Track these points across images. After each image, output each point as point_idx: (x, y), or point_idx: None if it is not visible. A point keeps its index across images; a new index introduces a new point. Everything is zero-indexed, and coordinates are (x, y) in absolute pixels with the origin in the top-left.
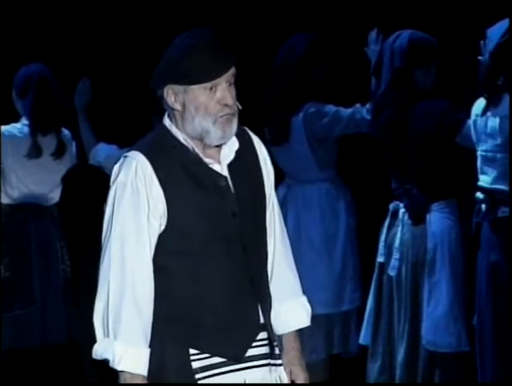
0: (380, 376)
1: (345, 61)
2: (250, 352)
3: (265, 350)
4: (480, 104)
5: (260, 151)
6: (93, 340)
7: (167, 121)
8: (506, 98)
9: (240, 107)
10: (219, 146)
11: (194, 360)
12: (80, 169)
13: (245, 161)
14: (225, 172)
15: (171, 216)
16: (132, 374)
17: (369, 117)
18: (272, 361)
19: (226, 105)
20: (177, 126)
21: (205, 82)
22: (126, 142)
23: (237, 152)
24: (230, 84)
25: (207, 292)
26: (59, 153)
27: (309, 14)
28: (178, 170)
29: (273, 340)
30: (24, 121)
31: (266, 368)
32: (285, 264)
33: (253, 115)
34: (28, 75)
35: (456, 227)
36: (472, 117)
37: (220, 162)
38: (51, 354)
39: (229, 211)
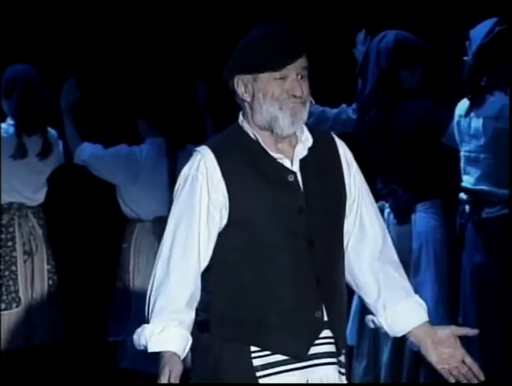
0: (365, 376)
1: (332, 62)
2: (314, 350)
3: (330, 348)
4: (463, 104)
5: (343, 154)
6: (78, 341)
7: (239, 118)
8: (490, 99)
9: (313, 102)
10: (292, 142)
11: (255, 358)
12: (65, 169)
13: (321, 160)
14: (295, 168)
15: (234, 209)
16: (163, 353)
17: (354, 117)
18: (338, 359)
19: (294, 96)
20: (248, 120)
21: (273, 70)
22: (111, 142)
23: (314, 151)
24: (302, 77)
25: (270, 288)
26: (44, 153)
27: (296, 16)
28: (244, 163)
29: (339, 340)
30: (10, 121)
31: (331, 367)
32: (389, 265)
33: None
34: (14, 75)
35: (441, 227)
36: (456, 117)
37: (293, 158)
38: (36, 355)
39: (296, 207)
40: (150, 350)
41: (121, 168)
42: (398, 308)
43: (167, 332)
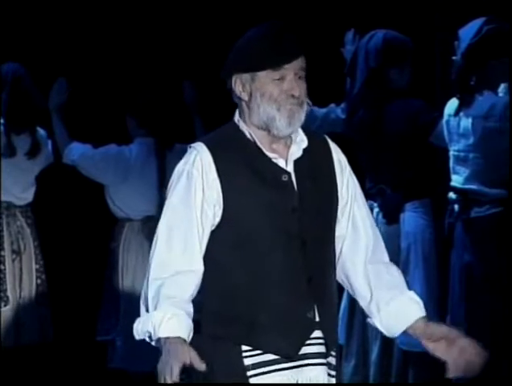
0: (354, 375)
1: (321, 61)
2: (305, 350)
3: (320, 349)
4: (452, 104)
5: (336, 157)
6: (66, 340)
7: (236, 116)
8: (479, 99)
9: (310, 103)
10: (287, 143)
11: (246, 357)
12: (54, 168)
13: (315, 162)
14: (289, 168)
15: (227, 207)
16: (171, 339)
17: (343, 117)
18: (328, 361)
19: (293, 96)
20: (244, 120)
21: (272, 68)
22: (100, 142)
23: (308, 152)
24: (300, 78)
25: (261, 287)
26: (33, 152)
27: (285, 15)
28: (239, 162)
29: (330, 341)
30: None
31: (320, 368)
32: (381, 265)
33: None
34: (3, 74)
35: (430, 226)
36: (445, 117)
37: (287, 159)
38: (24, 354)
39: (289, 206)
40: (159, 335)
41: (111, 168)
42: (391, 308)
43: (177, 319)
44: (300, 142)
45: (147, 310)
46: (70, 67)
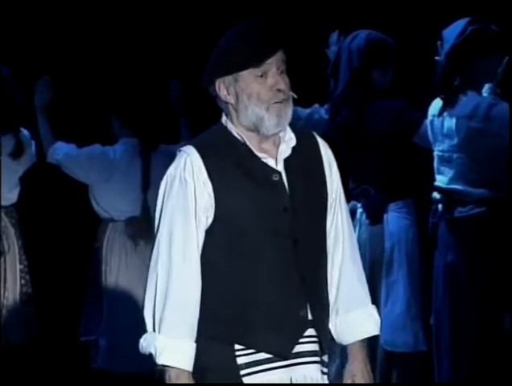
0: (338, 376)
1: (305, 62)
2: (298, 349)
3: (314, 347)
4: (436, 104)
5: (325, 154)
6: (51, 340)
7: (223, 118)
8: (463, 99)
9: (295, 96)
10: (276, 142)
11: (239, 356)
12: (38, 169)
13: (305, 160)
14: (279, 167)
15: (219, 208)
16: (175, 369)
17: (327, 117)
18: (321, 358)
19: (279, 91)
20: (232, 121)
21: (254, 65)
22: (85, 141)
23: (297, 150)
24: (282, 72)
25: (254, 286)
26: (17, 153)
27: (269, 16)
28: (229, 163)
29: (323, 339)
30: None
31: (314, 366)
32: (354, 273)
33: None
34: None
35: (414, 226)
36: (429, 117)
37: (277, 158)
38: (8, 354)
39: (281, 206)
40: (159, 362)
41: (95, 168)
42: (348, 317)
43: (180, 348)
44: (289, 141)
45: (153, 326)
46: (55, 67)
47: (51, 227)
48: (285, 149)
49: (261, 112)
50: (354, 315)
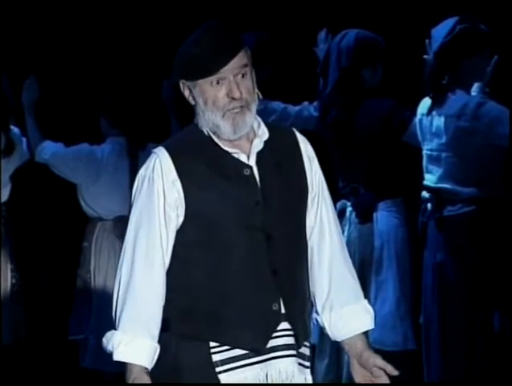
0: (327, 375)
1: (294, 60)
2: (272, 343)
3: (289, 340)
4: (425, 103)
5: (304, 149)
6: (40, 339)
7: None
8: (451, 97)
9: (261, 96)
10: (250, 137)
11: (214, 353)
12: (26, 168)
13: (280, 154)
14: (251, 162)
15: (189, 205)
16: (131, 365)
17: (316, 115)
18: (298, 351)
19: (233, 99)
20: (200, 120)
21: (208, 76)
22: (74, 140)
23: (272, 145)
24: (243, 76)
25: (226, 282)
26: (7, 151)
27: (258, 14)
28: (200, 160)
29: (298, 333)
30: None
31: (289, 359)
32: (345, 267)
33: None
34: None
35: (403, 225)
36: (418, 116)
37: (249, 153)
38: None
39: (252, 200)
40: (115, 359)
41: (82, 167)
42: (343, 312)
43: (135, 343)
44: (262, 135)
45: (115, 325)
46: (42, 65)
47: (40, 226)
48: (258, 144)
49: (216, 119)
50: (349, 310)
